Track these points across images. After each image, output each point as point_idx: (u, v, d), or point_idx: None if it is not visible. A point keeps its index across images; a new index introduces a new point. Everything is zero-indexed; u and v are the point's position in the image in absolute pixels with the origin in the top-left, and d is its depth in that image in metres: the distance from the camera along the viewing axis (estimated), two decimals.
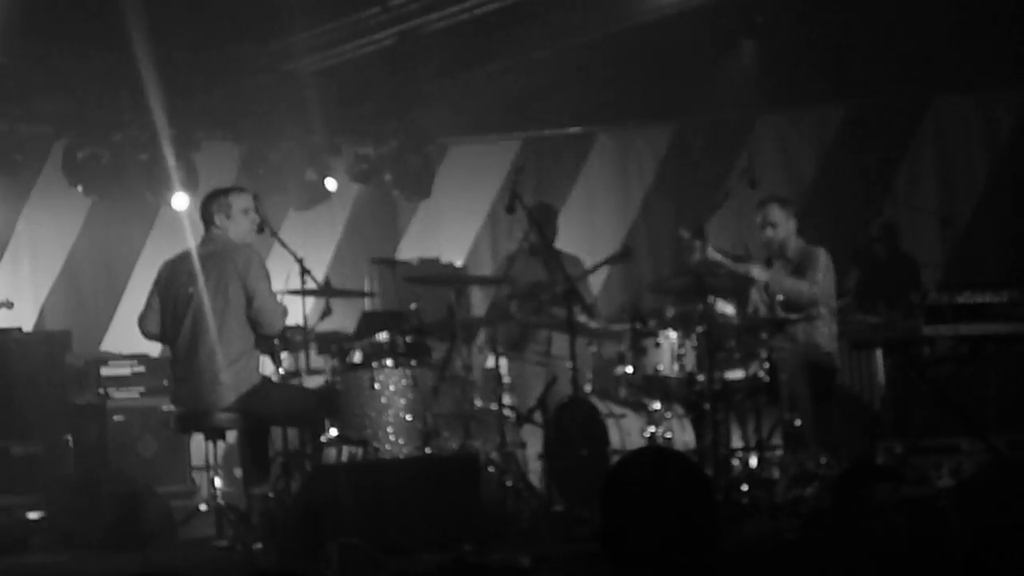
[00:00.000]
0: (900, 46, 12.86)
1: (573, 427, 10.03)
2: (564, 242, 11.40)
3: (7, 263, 13.04)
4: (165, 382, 11.09)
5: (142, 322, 9.20)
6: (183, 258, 9.08)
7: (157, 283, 9.18)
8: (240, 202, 9.13)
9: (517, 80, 13.26)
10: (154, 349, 11.61)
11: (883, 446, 10.36)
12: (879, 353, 10.67)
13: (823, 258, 10.56)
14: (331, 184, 13.71)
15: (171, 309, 9.00)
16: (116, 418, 11.74)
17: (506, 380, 10.59)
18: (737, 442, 10.22)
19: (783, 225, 10.53)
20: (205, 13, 11.16)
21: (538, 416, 10.47)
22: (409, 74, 12.94)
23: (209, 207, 9.10)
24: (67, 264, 13.39)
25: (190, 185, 12.47)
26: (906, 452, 10.05)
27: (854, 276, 12.36)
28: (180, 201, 12.46)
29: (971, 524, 5.66)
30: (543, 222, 11.14)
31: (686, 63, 13.15)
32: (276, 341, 9.46)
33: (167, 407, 10.57)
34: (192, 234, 9.26)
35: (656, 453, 4.54)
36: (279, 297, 9.13)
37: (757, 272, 10.45)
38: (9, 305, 11.34)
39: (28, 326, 12.60)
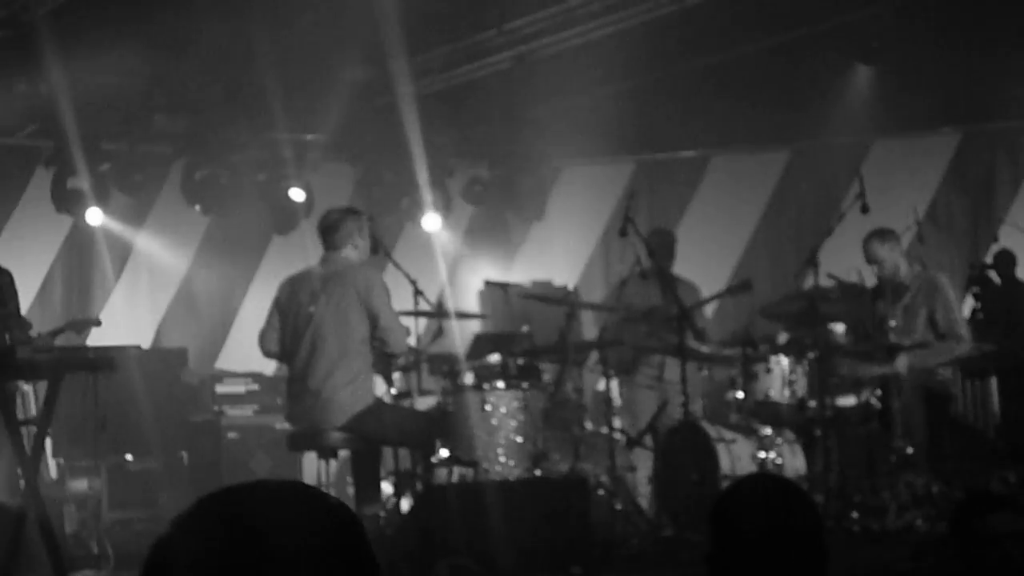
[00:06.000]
0: (1017, 70, 12.74)
1: (683, 451, 10.01)
2: (677, 266, 11.39)
3: (126, 280, 13.26)
4: (279, 400, 11.22)
5: (262, 340, 9.20)
6: (304, 276, 9.07)
7: (277, 301, 9.17)
8: (364, 223, 9.16)
9: (630, 103, 13.28)
10: (268, 367, 11.75)
11: (997, 475, 10.23)
12: (994, 381, 10.55)
13: (949, 287, 10.53)
14: (433, 224, 13.83)
15: (291, 327, 8.99)
16: (230, 435, 11.91)
17: (617, 403, 10.58)
18: (848, 469, 10.16)
19: (888, 259, 10.46)
20: (320, 37, 11.30)
21: (648, 440, 10.46)
22: (523, 96, 13.02)
23: (341, 228, 8.99)
24: (184, 282, 13.58)
25: (306, 207, 12.65)
26: (1021, 481, 9.92)
27: (969, 303, 12.25)
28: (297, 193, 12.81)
29: None
30: (661, 247, 11.09)
31: (801, 87, 13.12)
32: (392, 362, 9.54)
33: (280, 425, 10.69)
34: (313, 251, 9.30)
35: (766, 479, 4.54)
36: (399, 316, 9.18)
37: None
38: (97, 323, 11.44)
39: (146, 343, 12.81)
